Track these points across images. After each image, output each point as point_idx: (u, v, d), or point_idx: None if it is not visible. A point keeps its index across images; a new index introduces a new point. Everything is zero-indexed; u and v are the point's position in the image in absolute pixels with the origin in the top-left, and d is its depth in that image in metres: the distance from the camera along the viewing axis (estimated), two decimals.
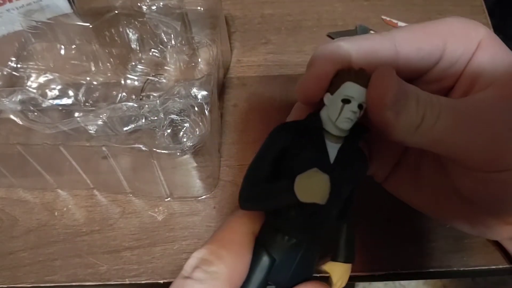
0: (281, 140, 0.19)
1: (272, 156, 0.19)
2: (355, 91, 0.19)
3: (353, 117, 0.19)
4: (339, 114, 0.19)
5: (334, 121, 0.19)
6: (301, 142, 0.19)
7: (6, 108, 0.36)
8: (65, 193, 0.36)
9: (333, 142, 0.19)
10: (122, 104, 0.33)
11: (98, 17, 0.38)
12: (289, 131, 0.19)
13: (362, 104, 0.19)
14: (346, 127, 0.19)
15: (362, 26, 0.44)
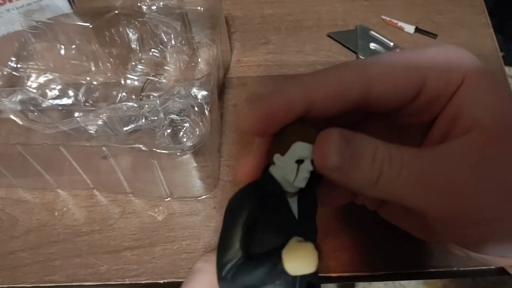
0: (245, 212, 0.19)
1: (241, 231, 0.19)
2: (307, 151, 0.19)
3: (309, 174, 0.19)
4: (296, 175, 0.19)
5: (292, 182, 0.19)
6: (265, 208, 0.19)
7: (6, 108, 0.36)
8: (65, 193, 0.36)
9: (291, 197, 0.20)
10: (122, 104, 0.33)
11: (98, 17, 0.38)
12: (250, 200, 0.19)
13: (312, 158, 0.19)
14: (304, 186, 0.19)
15: (362, 26, 0.44)
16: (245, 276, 0.18)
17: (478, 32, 0.44)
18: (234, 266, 0.18)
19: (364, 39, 0.43)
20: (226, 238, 0.19)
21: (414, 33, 0.44)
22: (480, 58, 0.45)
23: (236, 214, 0.19)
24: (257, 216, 0.19)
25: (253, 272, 0.18)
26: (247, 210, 0.19)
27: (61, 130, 0.34)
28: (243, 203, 0.19)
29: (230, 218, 0.19)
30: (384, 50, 0.42)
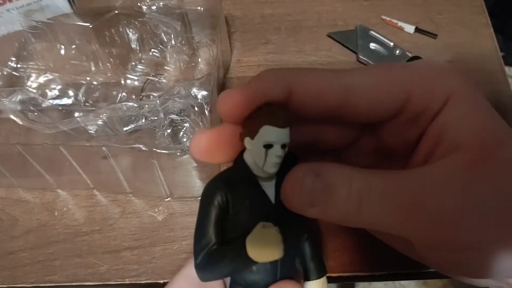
0: (217, 199, 0.19)
1: (214, 218, 0.19)
2: (274, 135, 0.18)
3: (279, 160, 0.18)
4: (265, 160, 0.18)
5: (262, 167, 0.18)
6: (237, 193, 0.19)
7: (6, 108, 0.36)
8: (65, 193, 0.36)
9: (267, 182, 0.19)
10: (122, 104, 0.33)
11: (98, 17, 0.38)
12: (222, 187, 0.19)
13: (285, 143, 0.18)
14: (275, 171, 0.18)
15: (362, 26, 0.44)
16: (215, 263, 0.18)
17: (478, 32, 0.44)
18: (206, 253, 0.18)
19: (364, 39, 0.43)
20: (200, 226, 0.19)
21: (414, 33, 0.44)
22: (480, 58, 0.45)
23: (208, 201, 0.19)
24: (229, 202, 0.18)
25: (221, 260, 0.18)
26: (219, 196, 0.18)
27: (61, 130, 0.34)
28: (215, 190, 0.19)
29: (203, 205, 0.19)
30: (384, 50, 0.42)
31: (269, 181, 0.19)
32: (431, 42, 0.44)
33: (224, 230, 0.19)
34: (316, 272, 0.21)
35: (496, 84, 0.41)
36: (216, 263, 0.18)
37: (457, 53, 0.43)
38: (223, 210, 0.19)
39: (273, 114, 0.18)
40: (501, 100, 0.40)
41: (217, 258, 0.18)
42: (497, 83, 0.41)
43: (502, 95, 0.40)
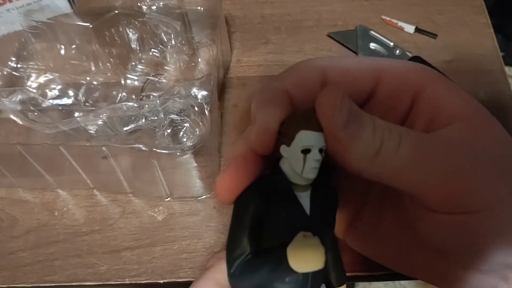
0: (253, 208, 0.18)
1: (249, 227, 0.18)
2: (312, 139, 0.18)
3: (318, 165, 0.18)
4: (304, 165, 0.18)
5: (300, 173, 0.18)
6: (273, 203, 0.18)
7: (6, 108, 0.36)
8: (65, 193, 0.36)
9: (302, 192, 0.19)
10: (122, 104, 0.33)
11: (98, 17, 0.38)
12: (257, 196, 0.19)
13: (322, 148, 0.18)
14: (314, 176, 0.18)
15: (362, 26, 0.44)
16: (252, 272, 0.18)
17: (478, 32, 0.44)
18: (241, 262, 0.18)
19: (364, 39, 0.43)
20: (234, 235, 0.18)
21: (414, 33, 0.44)
22: (480, 58, 0.45)
23: (243, 209, 0.18)
24: (264, 211, 0.18)
25: (259, 269, 0.18)
26: (254, 205, 0.18)
27: (61, 130, 0.34)
28: (250, 198, 0.19)
29: (237, 214, 0.19)
30: (384, 50, 0.42)
31: (304, 192, 0.19)
32: (431, 42, 0.44)
33: (258, 240, 0.18)
34: (337, 281, 0.21)
35: (496, 84, 0.41)
36: (252, 272, 0.18)
37: (457, 53, 0.43)
38: (258, 220, 0.18)
39: (308, 118, 0.18)
40: (501, 100, 0.40)
41: (254, 267, 0.18)
42: (497, 83, 0.41)
43: (502, 95, 0.40)
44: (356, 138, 0.18)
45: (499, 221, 0.19)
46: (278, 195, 0.19)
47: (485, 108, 0.21)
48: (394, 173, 0.19)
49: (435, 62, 0.41)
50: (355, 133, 0.18)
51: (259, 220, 0.18)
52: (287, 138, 0.18)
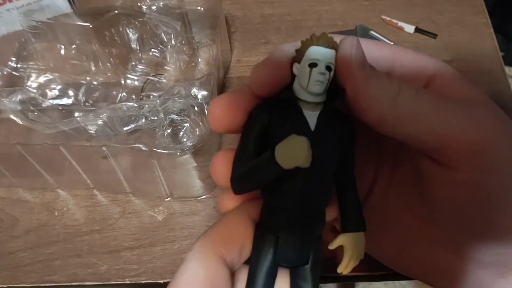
0: (261, 118, 0.19)
1: (255, 134, 0.19)
2: (319, 53, 0.19)
3: (322, 79, 0.18)
4: (309, 79, 0.18)
5: (306, 87, 0.19)
6: (280, 116, 0.19)
7: (6, 108, 0.36)
8: (65, 193, 0.36)
9: (310, 111, 0.19)
10: (122, 104, 0.33)
11: (98, 17, 0.38)
12: (267, 108, 0.19)
13: (329, 65, 0.19)
14: (318, 91, 0.19)
15: (362, 26, 0.44)
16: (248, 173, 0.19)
17: (478, 32, 0.44)
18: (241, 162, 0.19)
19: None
20: (242, 143, 0.19)
21: (414, 33, 0.44)
22: (480, 58, 0.45)
23: (252, 120, 0.19)
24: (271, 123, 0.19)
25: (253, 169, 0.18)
26: (262, 117, 0.19)
27: (61, 130, 0.34)
28: (260, 111, 0.19)
29: (247, 125, 0.19)
30: None
31: (313, 111, 0.19)
32: (431, 42, 0.44)
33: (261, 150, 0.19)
34: (355, 224, 0.20)
35: (496, 84, 0.41)
36: (248, 173, 0.18)
37: (457, 53, 0.43)
38: (264, 130, 0.19)
39: (319, 36, 0.19)
40: (501, 100, 0.40)
41: (248, 166, 0.18)
42: (497, 83, 0.41)
43: (502, 95, 0.40)
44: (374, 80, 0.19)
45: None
46: (286, 109, 0.19)
47: None
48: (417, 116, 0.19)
49: None
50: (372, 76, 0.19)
51: (265, 130, 0.19)
52: (299, 56, 0.19)
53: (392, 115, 0.19)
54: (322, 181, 0.19)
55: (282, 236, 0.19)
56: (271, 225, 0.19)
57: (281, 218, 0.19)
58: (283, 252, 0.19)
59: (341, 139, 0.20)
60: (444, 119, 0.19)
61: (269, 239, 0.19)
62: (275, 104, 0.19)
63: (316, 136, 0.19)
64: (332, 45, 0.19)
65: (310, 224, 0.19)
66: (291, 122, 0.19)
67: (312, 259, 0.20)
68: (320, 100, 0.19)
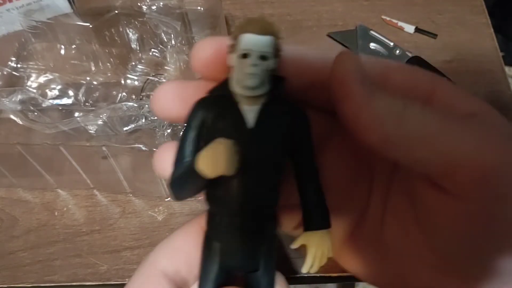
0: (196, 116, 0.18)
1: (191, 135, 0.18)
2: (250, 42, 0.16)
3: (255, 70, 0.16)
4: (241, 72, 0.17)
5: (239, 81, 0.17)
6: (214, 114, 0.17)
7: (6, 108, 0.36)
8: (65, 193, 0.36)
9: (249, 105, 0.17)
10: (122, 104, 0.33)
11: (98, 17, 0.38)
12: (203, 105, 0.18)
13: (264, 54, 0.17)
14: (252, 84, 0.17)
15: (362, 26, 0.44)
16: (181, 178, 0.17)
17: (478, 32, 0.44)
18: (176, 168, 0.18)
19: (364, 39, 0.43)
20: (179, 145, 0.18)
21: (414, 33, 0.44)
22: (480, 58, 0.45)
23: (188, 120, 0.18)
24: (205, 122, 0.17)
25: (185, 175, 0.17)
26: (197, 116, 0.17)
27: (61, 130, 0.34)
28: (195, 109, 0.18)
29: (184, 129, 0.18)
30: (384, 50, 0.42)
31: (252, 105, 0.17)
32: (431, 42, 0.44)
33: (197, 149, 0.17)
34: (320, 222, 0.19)
35: (496, 84, 0.41)
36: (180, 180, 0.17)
37: (457, 53, 0.43)
38: (200, 130, 0.18)
39: (251, 21, 0.17)
40: (501, 99, 0.40)
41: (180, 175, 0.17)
42: (497, 83, 0.41)
43: (502, 95, 0.40)
44: (376, 96, 0.17)
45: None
46: (221, 106, 0.17)
47: None
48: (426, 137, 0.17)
49: (435, 62, 0.41)
50: (375, 92, 0.17)
51: (201, 130, 0.18)
52: (233, 45, 0.17)
53: (397, 136, 0.17)
54: (264, 182, 0.17)
55: (223, 244, 0.18)
56: (212, 234, 0.18)
57: (220, 225, 0.18)
58: (227, 260, 0.18)
59: (289, 132, 0.18)
60: (454, 140, 0.17)
61: (214, 248, 0.18)
62: (214, 100, 0.18)
63: (255, 134, 0.17)
64: (266, 30, 0.17)
65: (253, 229, 0.18)
66: (225, 120, 0.17)
67: (263, 263, 0.18)
68: (260, 93, 0.17)
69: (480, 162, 0.16)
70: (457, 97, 0.19)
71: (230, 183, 0.17)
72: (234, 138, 0.16)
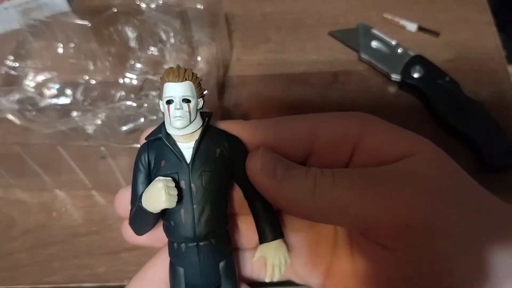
0: (141, 159, 0.20)
1: (139, 177, 0.20)
2: (172, 89, 0.19)
3: (180, 114, 0.19)
4: (169, 116, 0.19)
5: (170, 124, 0.19)
6: (156, 155, 0.20)
7: (3, 107, 0.35)
8: (63, 193, 0.36)
9: (185, 142, 0.20)
10: (121, 103, 0.33)
11: (97, 15, 0.38)
12: (145, 149, 0.20)
13: (186, 98, 0.19)
14: (181, 125, 0.19)
15: (363, 25, 0.43)
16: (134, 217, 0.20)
17: (481, 31, 0.44)
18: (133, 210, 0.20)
19: (366, 38, 0.42)
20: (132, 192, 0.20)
21: (417, 31, 0.44)
22: (482, 57, 0.45)
23: (136, 162, 0.20)
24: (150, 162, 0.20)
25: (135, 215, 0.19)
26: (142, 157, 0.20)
27: (59, 130, 0.34)
28: (140, 151, 0.20)
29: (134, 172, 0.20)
30: (386, 49, 0.42)
31: (188, 142, 0.20)
32: (433, 40, 0.43)
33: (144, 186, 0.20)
34: (272, 233, 0.21)
35: (499, 83, 0.40)
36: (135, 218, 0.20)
37: (459, 51, 0.42)
38: (146, 170, 0.20)
39: (170, 71, 0.19)
40: (504, 98, 0.40)
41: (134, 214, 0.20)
42: (500, 82, 0.40)
43: (505, 93, 0.40)
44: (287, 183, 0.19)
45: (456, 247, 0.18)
46: (161, 146, 0.20)
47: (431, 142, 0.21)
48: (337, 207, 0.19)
49: (437, 61, 0.40)
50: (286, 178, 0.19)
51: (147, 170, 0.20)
52: (160, 94, 0.19)
53: (315, 210, 0.19)
54: (209, 207, 0.19)
55: (185, 268, 0.20)
56: (173, 260, 0.20)
57: (179, 251, 0.20)
58: (191, 281, 0.20)
59: (225, 157, 0.20)
60: (363, 205, 0.19)
61: (178, 273, 0.20)
62: (155, 143, 0.20)
63: (194, 167, 0.19)
64: (183, 77, 0.19)
65: (209, 250, 0.20)
66: (166, 160, 0.19)
67: (224, 278, 0.20)
68: (191, 131, 0.19)
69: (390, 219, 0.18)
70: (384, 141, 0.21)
71: (178, 213, 0.19)
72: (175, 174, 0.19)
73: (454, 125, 0.37)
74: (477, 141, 0.36)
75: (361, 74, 0.41)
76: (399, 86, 0.41)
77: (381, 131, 0.21)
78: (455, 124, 0.37)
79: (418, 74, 0.39)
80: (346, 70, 0.42)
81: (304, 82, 0.41)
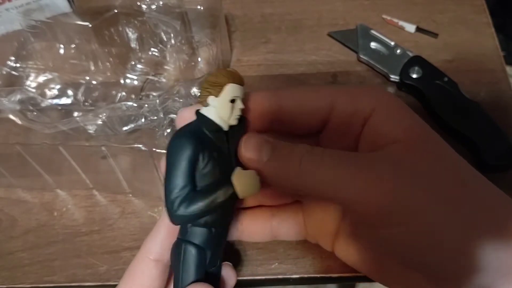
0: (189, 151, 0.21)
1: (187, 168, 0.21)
2: (239, 91, 0.22)
3: (241, 113, 0.22)
4: (231, 113, 0.21)
5: (227, 120, 0.22)
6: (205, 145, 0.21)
7: (5, 107, 0.36)
8: (64, 193, 0.36)
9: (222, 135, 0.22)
10: (122, 103, 0.33)
11: (98, 16, 0.38)
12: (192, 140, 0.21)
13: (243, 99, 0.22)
14: (236, 123, 0.22)
15: (362, 25, 0.44)
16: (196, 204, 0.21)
17: (479, 32, 0.44)
18: (185, 198, 0.21)
19: (365, 39, 0.43)
20: (175, 176, 0.21)
21: (415, 32, 0.44)
22: (481, 57, 0.45)
23: (180, 152, 0.21)
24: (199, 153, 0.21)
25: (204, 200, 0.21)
26: (190, 148, 0.21)
27: (60, 130, 0.34)
28: (186, 143, 0.21)
29: (176, 157, 0.21)
30: (385, 50, 0.42)
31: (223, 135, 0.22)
32: (432, 41, 0.44)
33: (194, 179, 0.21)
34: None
35: (497, 84, 0.41)
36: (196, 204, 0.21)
37: (458, 52, 0.43)
38: (194, 161, 0.21)
39: (234, 74, 0.22)
40: (502, 99, 0.40)
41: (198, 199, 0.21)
42: (498, 83, 0.41)
43: (503, 94, 0.40)
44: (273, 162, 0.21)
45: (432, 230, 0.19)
46: (208, 138, 0.21)
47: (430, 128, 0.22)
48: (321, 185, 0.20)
49: (436, 61, 0.40)
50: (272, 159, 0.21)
51: (195, 161, 0.21)
52: (217, 90, 0.21)
53: (300, 186, 0.21)
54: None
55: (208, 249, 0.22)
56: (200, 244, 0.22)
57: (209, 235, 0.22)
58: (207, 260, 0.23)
59: None
60: (344, 186, 0.20)
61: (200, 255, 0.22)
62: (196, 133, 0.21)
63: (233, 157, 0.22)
64: (243, 82, 0.22)
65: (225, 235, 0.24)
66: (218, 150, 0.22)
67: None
68: None
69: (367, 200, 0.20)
70: (386, 122, 0.22)
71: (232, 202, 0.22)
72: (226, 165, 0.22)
73: (452, 125, 0.37)
74: (475, 141, 0.36)
75: (360, 75, 0.42)
76: (398, 86, 0.41)
77: (387, 111, 0.22)
78: (453, 124, 0.37)
79: (417, 74, 0.40)
80: (345, 70, 0.42)
81: (304, 83, 0.41)
